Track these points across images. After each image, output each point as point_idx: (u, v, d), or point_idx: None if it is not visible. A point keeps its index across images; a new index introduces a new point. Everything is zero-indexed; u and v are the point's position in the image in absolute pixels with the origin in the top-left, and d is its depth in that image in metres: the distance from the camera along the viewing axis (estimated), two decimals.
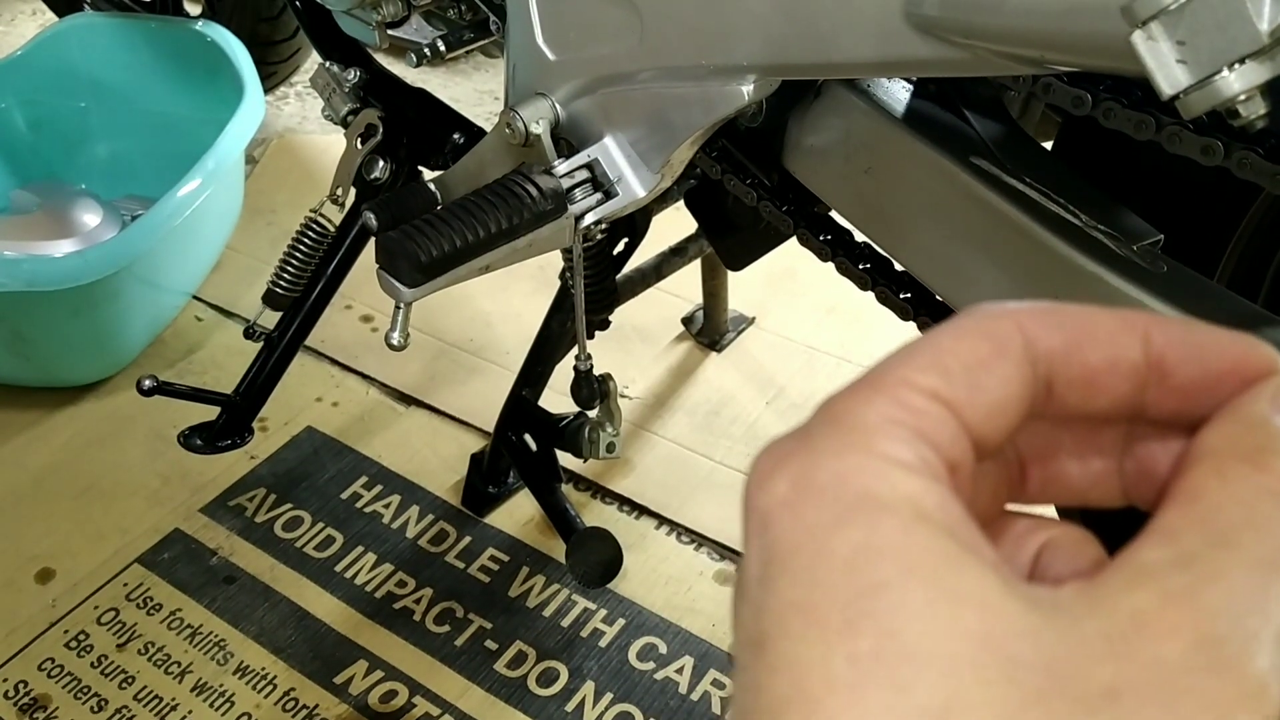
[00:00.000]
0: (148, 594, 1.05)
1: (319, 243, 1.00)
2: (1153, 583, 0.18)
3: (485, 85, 1.82)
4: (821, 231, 0.73)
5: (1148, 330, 0.21)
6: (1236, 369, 0.21)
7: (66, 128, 1.48)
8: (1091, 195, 0.60)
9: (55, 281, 1.13)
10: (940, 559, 0.18)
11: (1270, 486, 0.19)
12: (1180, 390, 0.21)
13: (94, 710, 0.97)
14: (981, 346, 0.21)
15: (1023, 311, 0.21)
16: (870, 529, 0.19)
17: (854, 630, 0.18)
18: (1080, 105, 0.53)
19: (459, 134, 0.96)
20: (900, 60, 0.54)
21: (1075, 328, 0.21)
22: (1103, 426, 0.23)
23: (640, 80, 0.68)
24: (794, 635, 0.18)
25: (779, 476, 0.20)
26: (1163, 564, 0.18)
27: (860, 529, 0.19)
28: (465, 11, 0.87)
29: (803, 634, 0.18)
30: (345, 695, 0.97)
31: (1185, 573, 0.18)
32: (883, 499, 0.19)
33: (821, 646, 0.18)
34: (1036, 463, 0.23)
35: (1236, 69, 0.38)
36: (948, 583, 0.18)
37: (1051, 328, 0.21)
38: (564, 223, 0.72)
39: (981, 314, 0.21)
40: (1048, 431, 0.23)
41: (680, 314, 1.32)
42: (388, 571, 1.07)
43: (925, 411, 0.20)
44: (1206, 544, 0.19)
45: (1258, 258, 0.62)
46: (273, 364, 1.05)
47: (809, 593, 0.18)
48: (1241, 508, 0.19)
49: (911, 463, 0.19)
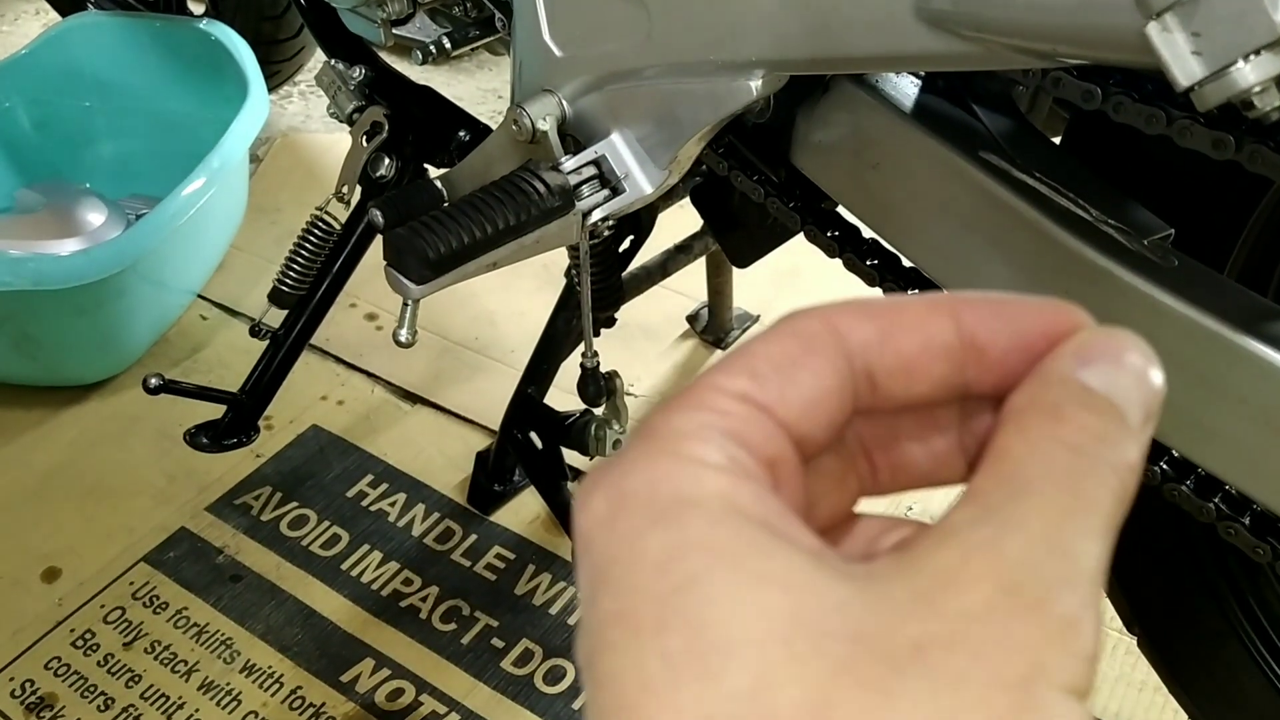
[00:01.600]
0: (154, 593, 1.05)
1: (324, 241, 1.00)
2: (956, 540, 0.19)
3: (489, 83, 1.82)
4: (829, 228, 0.73)
5: (956, 310, 0.22)
6: (1047, 334, 0.21)
7: (71, 127, 1.48)
8: (1101, 190, 0.60)
9: (61, 280, 1.13)
10: (748, 547, 0.18)
11: (1067, 437, 0.19)
12: (998, 363, 0.21)
13: (100, 709, 0.97)
14: (791, 346, 0.21)
15: (832, 309, 0.22)
16: (679, 528, 0.19)
17: (666, 629, 0.18)
18: (1090, 99, 0.53)
19: (465, 131, 0.96)
20: (909, 55, 0.54)
21: (884, 317, 0.22)
22: (940, 408, 0.23)
23: (647, 76, 0.68)
24: (614, 646, 0.18)
25: (596, 496, 0.20)
26: (966, 521, 0.19)
27: (670, 529, 0.19)
28: (471, 9, 0.87)
29: (621, 643, 0.18)
30: (352, 693, 0.97)
31: (986, 526, 0.19)
32: (692, 498, 0.19)
33: (636, 651, 0.18)
34: (881, 452, 0.24)
35: (1252, 60, 0.38)
36: (754, 568, 0.18)
37: (861, 320, 0.21)
38: (571, 219, 0.72)
39: (792, 316, 0.22)
40: (886, 420, 0.23)
41: (685, 311, 1.32)
42: (394, 570, 1.07)
43: (734, 413, 0.20)
44: (1007, 497, 0.19)
45: (1269, 252, 0.62)
46: (278, 362, 1.05)
47: (625, 600, 0.19)
48: (1040, 459, 0.19)
49: (720, 463, 0.20)
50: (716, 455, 0.20)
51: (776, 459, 0.21)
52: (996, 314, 0.22)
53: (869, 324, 0.21)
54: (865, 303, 0.22)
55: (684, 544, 0.19)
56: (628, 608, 0.18)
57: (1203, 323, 0.54)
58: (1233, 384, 0.54)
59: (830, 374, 0.21)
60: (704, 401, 0.20)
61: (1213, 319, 0.54)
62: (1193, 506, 0.60)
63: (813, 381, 0.21)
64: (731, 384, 0.21)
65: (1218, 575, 0.70)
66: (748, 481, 0.20)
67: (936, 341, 0.22)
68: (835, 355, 0.21)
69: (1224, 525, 0.60)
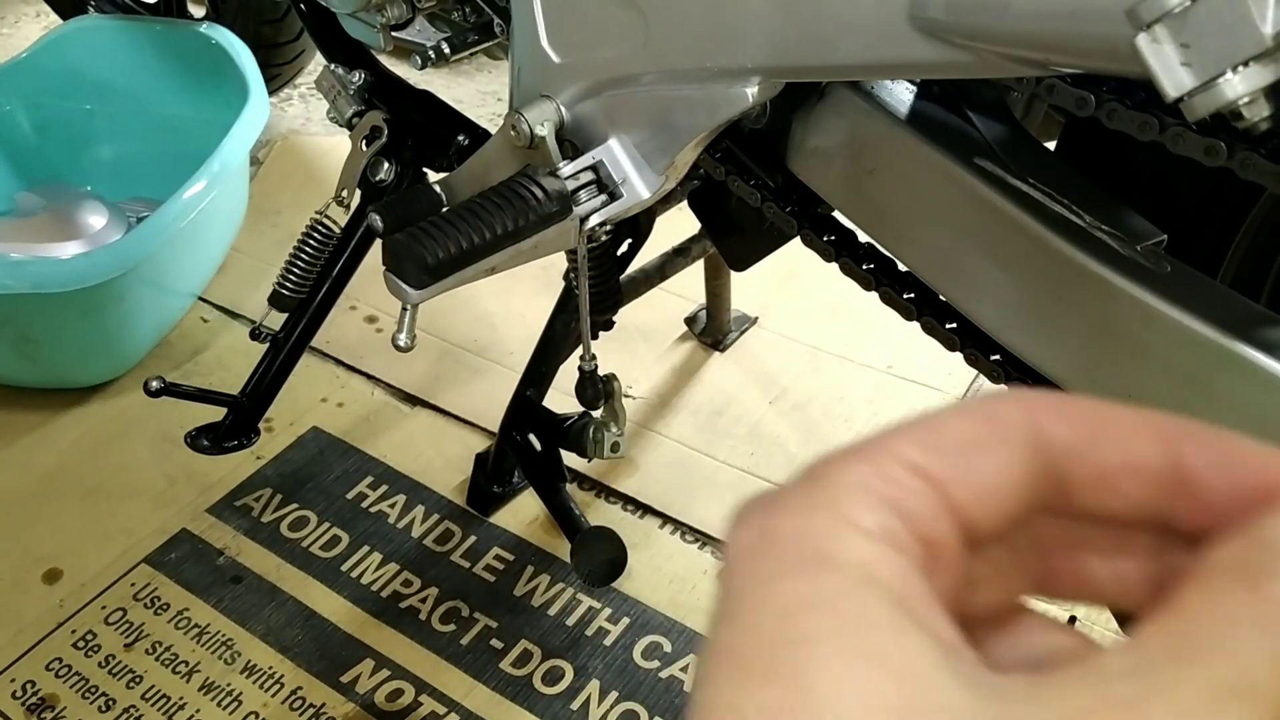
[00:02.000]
0: (155, 594, 1.06)
1: (324, 244, 1.00)
2: (1101, 686, 0.17)
3: (488, 86, 1.82)
4: (825, 232, 0.73)
5: (1174, 436, 0.20)
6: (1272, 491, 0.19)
7: (71, 130, 1.49)
8: (1095, 196, 0.60)
9: (61, 283, 1.13)
10: (876, 624, 0.18)
11: (1256, 611, 0.18)
12: (1210, 507, 0.20)
13: (102, 710, 0.97)
14: (982, 428, 0.20)
15: (1037, 400, 0.21)
16: (812, 584, 0.18)
17: (770, 680, 0.18)
18: (1084, 106, 0.54)
19: (464, 136, 0.97)
20: (904, 62, 0.55)
21: (1090, 423, 0.20)
22: (1135, 529, 0.21)
23: (645, 82, 0.68)
24: (719, 679, 0.18)
25: (749, 525, 0.20)
26: (1118, 670, 0.18)
27: (803, 582, 0.18)
28: (469, 14, 0.87)
29: (725, 679, 0.18)
30: (352, 694, 0.97)
31: (1137, 682, 0.17)
32: (833, 557, 0.19)
33: (739, 692, 0.18)
34: (1061, 557, 0.22)
35: (1240, 71, 0.38)
36: (876, 648, 0.18)
37: (1065, 419, 0.20)
38: (569, 224, 0.72)
39: (994, 398, 0.21)
40: (1072, 526, 0.22)
41: (683, 314, 1.33)
42: (393, 571, 1.07)
43: (901, 482, 0.20)
44: (1168, 656, 0.17)
45: (1260, 258, 0.62)
46: (279, 365, 1.05)
47: (741, 638, 0.18)
48: (1219, 627, 0.18)
49: (872, 529, 0.19)
50: (870, 521, 0.19)
51: (937, 540, 0.20)
52: (1215, 450, 0.20)
53: (1073, 426, 0.20)
54: (1074, 402, 0.21)
55: (812, 600, 0.18)
56: (742, 645, 0.18)
57: (1195, 328, 0.54)
58: (1225, 389, 0.55)
59: (1016, 466, 0.20)
60: (875, 462, 0.20)
61: (1205, 324, 0.54)
62: None
63: (995, 470, 0.20)
64: (908, 452, 0.20)
65: None
66: (895, 556, 0.19)
67: (1142, 463, 0.20)
68: (1027, 448, 0.20)
69: None
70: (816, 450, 0.26)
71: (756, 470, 1.15)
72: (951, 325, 0.68)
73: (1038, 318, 0.61)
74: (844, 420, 1.21)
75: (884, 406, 1.22)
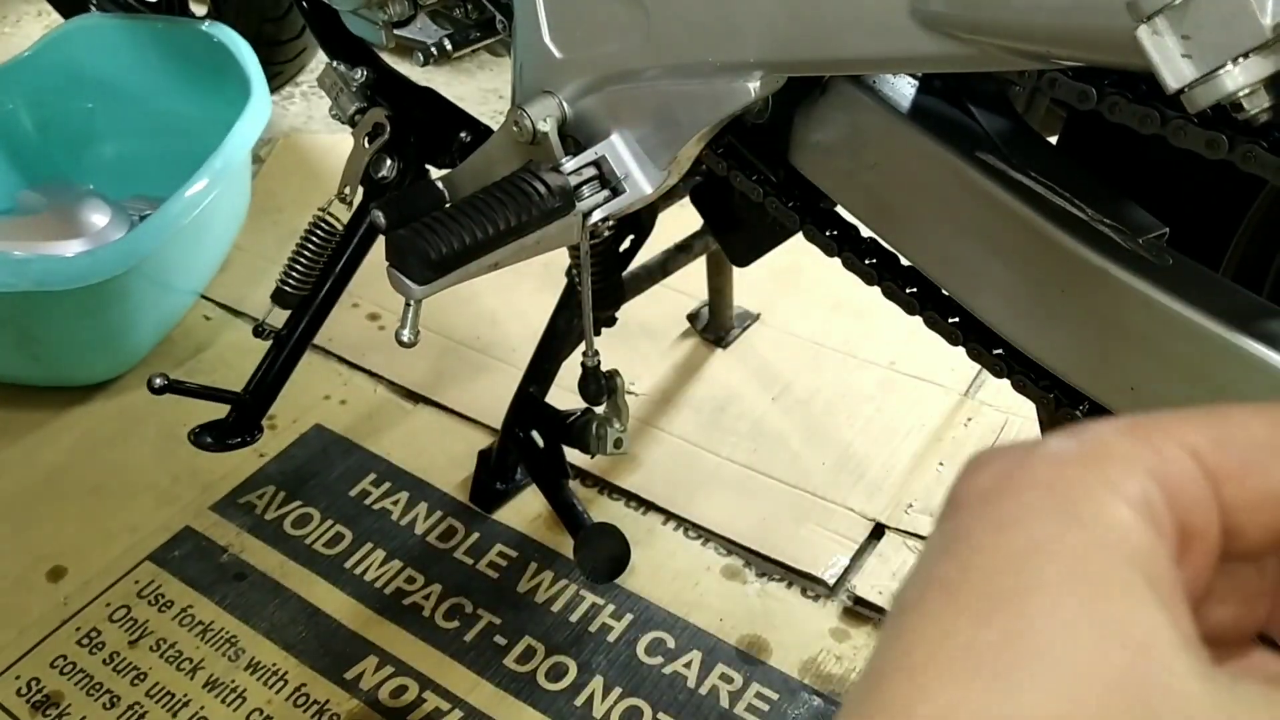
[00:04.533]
0: (159, 591, 1.06)
1: (327, 241, 1.00)
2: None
3: (490, 83, 1.82)
4: (828, 227, 0.73)
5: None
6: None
7: (73, 128, 1.49)
8: (1097, 189, 0.60)
9: (65, 281, 1.13)
10: (1119, 588, 0.17)
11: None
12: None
13: (106, 707, 0.97)
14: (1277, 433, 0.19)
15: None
16: (1057, 532, 0.17)
17: (990, 619, 0.16)
18: (1085, 100, 0.54)
19: (466, 132, 0.97)
20: (906, 56, 0.55)
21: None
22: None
23: (647, 78, 0.68)
24: (927, 608, 0.17)
25: (986, 470, 0.19)
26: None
27: (1046, 528, 0.17)
28: (472, 11, 0.87)
29: (936, 609, 0.17)
30: (356, 691, 0.97)
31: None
32: (1086, 514, 0.17)
33: (950, 624, 0.17)
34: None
35: (1240, 63, 0.39)
36: (1110, 610, 0.16)
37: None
38: (572, 220, 0.72)
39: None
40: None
41: (686, 310, 1.33)
42: (397, 568, 1.07)
43: (1175, 462, 0.18)
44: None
45: (1262, 251, 0.62)
46: (281, 362, 1.05)
47: (961, 573, 0.17)
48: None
49: (1134, 498, 0.18)
50: (1134, 489, 0.18)
51: (1196, 533, 0.18)
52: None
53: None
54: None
55: (1052, 549, 0.17)
56: (960, 580, 0.17)
57: (1197, 321, 0.54)
58: (1228, 381, 0.55)
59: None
60: (1149, 436, 0.19)
61: (1207, 317, 0.54)
62: None
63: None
64: (1190, 436, 0.19)
65: None
66: (1151, 531, 0.18)
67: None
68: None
69: None
70: (819, 446, 0.25)
71: (759, 466, 1.15)
72: (954, 320, 0.68)
73: (1040, 311, 0.61)
74: (846, 416, 1.21)
75: (886, 402, 1.22)
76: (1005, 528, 0.18)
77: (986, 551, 0.17)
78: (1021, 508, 0.18)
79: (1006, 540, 0.17)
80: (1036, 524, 0.17)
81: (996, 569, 0.17)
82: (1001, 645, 0.16)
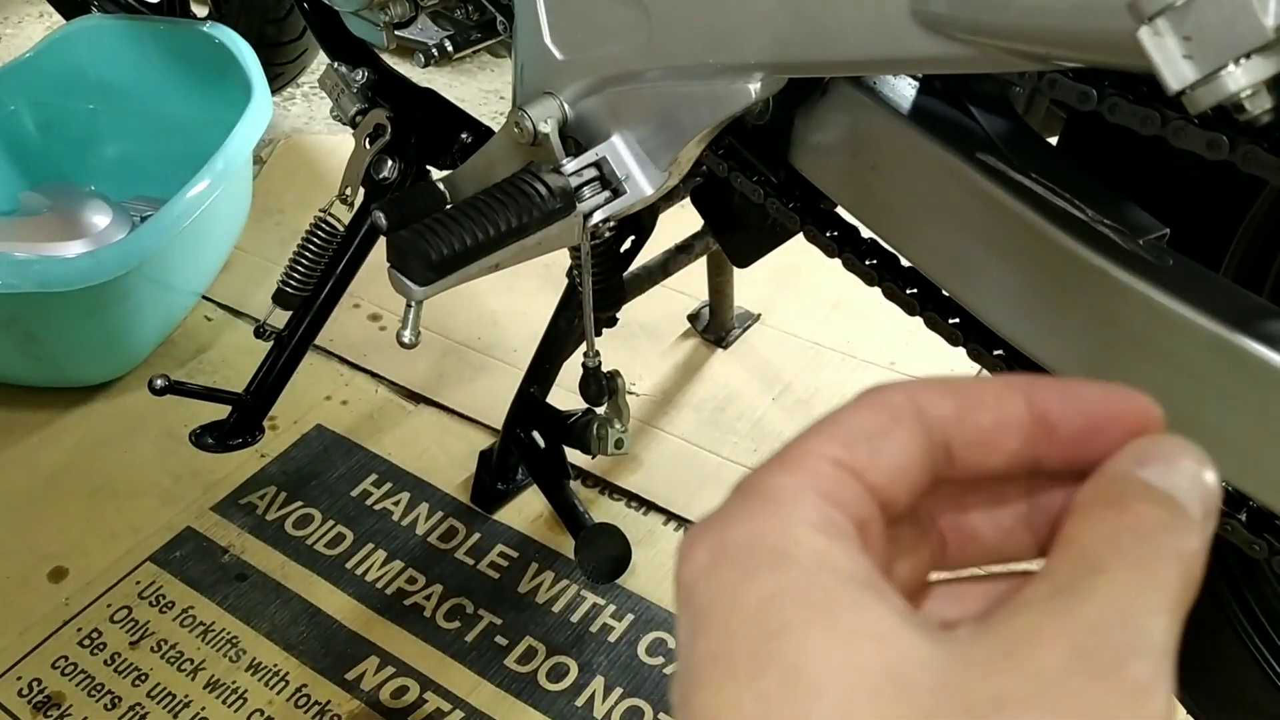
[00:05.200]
0: (160, 592, 1.06)
1: (328, 242, 1.00)
2: (1032, 609, 0.20)
3: (490, 84, 1.82)
4: (828, 228, 0.73)
5: (1029, 390, 0.24)
6: (1115, 418, 0.23)
7: (75, 129, 1.49)
8: (1097, 190, 0.60)
9: (67, 282, 1.13)
10: (840, 601, 0.20)
11: (1132, 524, 0.21)
12: (1067, 441, 0.23)
13: (107, 708, 0.97)
14: (879, 416, 0.23)
15: (914, 385, 0.24)
16: (776, 579, 0.20)
17: (762, 671, 0.19)
18: (1086, 101, 0.54)
19: (467, 133, 0.97)
20: (906, 58, 0.55)
21: (962, 395, 0.24)
22: (1007, 485, 0.25)
23: (648, 79, 0.68)
24: (711, 684, 0.20)
25: (699, 549, 0.21)
26: (1040, 595, 0.20)
27: (768, 579, 0.20)
28: (472, 12, 0.87)
29: (718, 682, 0.20)
30: (357, 691, 0.98)
31: (1060, 598, 0.20)
32: (789, 552, 0.21)
33: (733, 690, 0.19)
34: (951, 526, 0.25)
35: (1242, 64, 0.38)
36: (846, 621, 0.20)
37: (941, 397, 0.23)
38: (572, 221, 0.72)
39: (877, 390, 0.24)
40: (957, 495, 0.25)
41: (686, 311, 1.33)
42: (398, 568, 1.08)
43: (828, 476, 0.22)
44: (1078, 576, 0.20)
45: (1263, 251, 0.62)
46: (283, 363, 1.05)
47: (723, 643, 0.20)
48: (1108, 544, 0.21)
49: (816, 521, 0.21)
50: (812, 514, 0.21)
51: (865, 521, 0.22)
52: (1067, 396, 0.24)
53: (948, 400, 0.23)
54: (945, 381, 0.24)
55: (781, 593, 0.20)
56: (726, 650, 0.20)
57: (1198, 321, 0.54)
58: (1228, 382, 0.55)
59: (913, 444, 0.23)
60: (801, 465, 0.22)
61: (1208, 318, 0.54)
62: None
63: (899, 450, 0.23)
64: (825, 449, 0.22)
65: (1215, 572, 0.70)
66: (841, 540, 0.21)
67: (1010, 418, 0.23)
68: (917, 427, 0.23)
69: (1220, 522, 0.60)
70: None
71: None
72: (954, 320, 0.68)
73: (1040, 312, 0.61)
74: None
75: None
76: (737, 592, 0.20)
77: (732, 616, 0.20)
78: (741, 569, 0.21)
79: (743, 600, 0.20)
80: (759, 578, 0.20)
81: (748, 628, 0.20)
82: (781, 688, 0.19)
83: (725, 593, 0.21)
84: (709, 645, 0.20)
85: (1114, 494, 0.22)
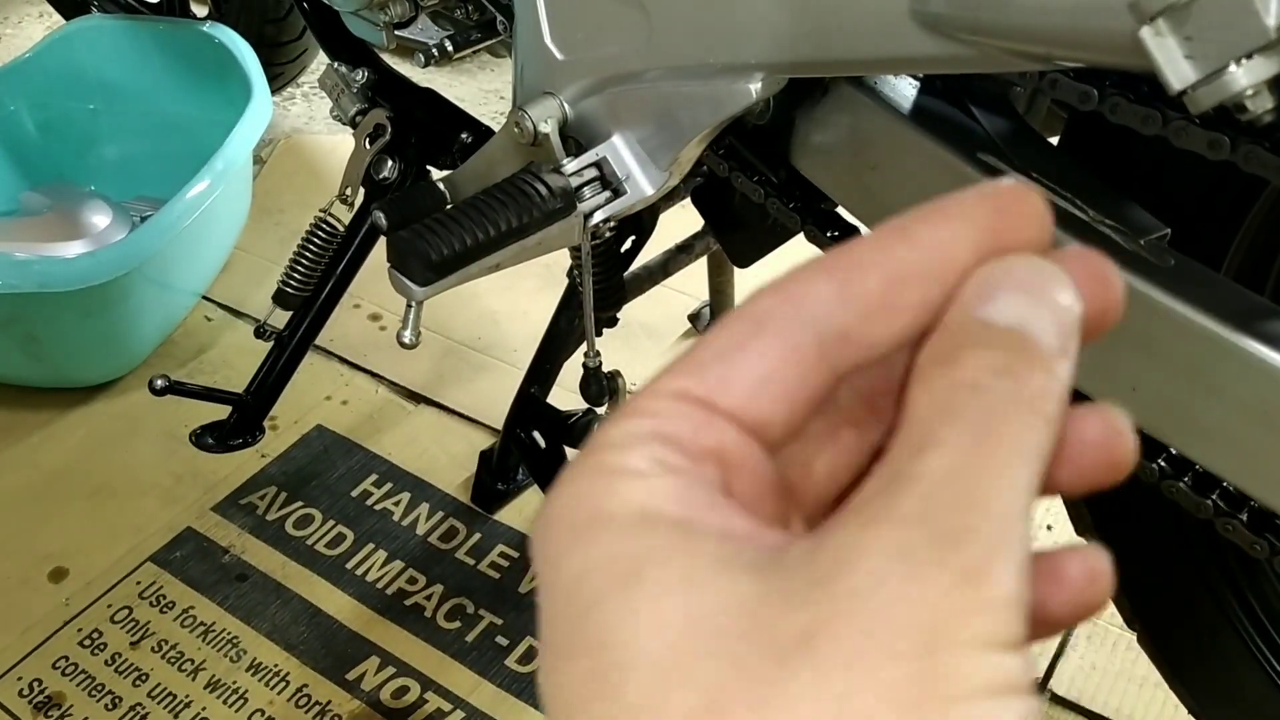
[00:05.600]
0: (160, 592, 1.06)
1: (328, 242, 1.00)
2: (857, 515, 0.18)
3: (490, 84, 1.82)
4: (829, 228, 0.73)
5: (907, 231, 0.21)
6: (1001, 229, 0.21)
7: (75, 130, 1.49)
8: (1098, 190, 0.60)
9: (67, 282, 1.13)
10: (651, 557, 0.18)
11: (965, 379, 0.19)
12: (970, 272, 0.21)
13: (108, 708, 0.97)
14: (738, 330, 0.20)
15: (786, 279, 0.21)
16: (587, 548, 0.19)
17: (575, 653, 0.18)
18: (1087, 101, 0.54)
19: (467, 134, 0.97)
20: (907, 57, 0.55)
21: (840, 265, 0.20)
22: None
23: (648, 79, 0.68)
24: (545, 670, 0.19)
25: (537, 524, 0.20)
26: (871, 493, 0.18)
27: (581, 550, 0.19)
28: (472, 12, 0.87)
29: (549, 668, 0.19)
30: (357, 691, 0.97)
31: (886, 492, 0.18)
32: (605, 513, 0.19)
33: (558, 676, 0.18)
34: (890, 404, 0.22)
35: (1244, 64, 0.38)
36: (652, 578, 0.18)
37: (817, 278, 0.20)
38: (573, 221, 0.72)
39: (748, 299, 0.21)
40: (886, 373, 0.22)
41: (687, 311, 1.33)
42: (398, 568, 1.07)
43: (663, 412, 0.20)
44: (911, 456, 0.18)
45: (1264, 251, 0.62)
46: (283, 363, 1.05)
47: (548, 627, 0.19)
48: (941, 408, 0.18)
49: (641, 468, 0.19)
50: (638, 460, 0.19)
51: (720, 449, 0.20)
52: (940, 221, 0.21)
53: (826, 280, 0.20)
54: (819, 259, 0.21)
55: (590, 565, 0.18)
56: (550, 635, 0.19)
57: (1199, 321, 0.54)
58: (1229, 382, 0.55)
59: (779, 349, 0.20)
60: (636, 408, 0.20)
61: (1209, 318, 0.54)
62: (1190, 503, 0.61)
63: (758, 362, 0.20)
64: (669, 383, 0.20)
65: (1216, 571, 0.70)
66: (671, 480, 0.19)
67: (900, 268, 0.20)
68: (790, 328, 0.20)
69: (1222, 522, 0.60)
70: None
71: None
72: None
73: None
74: None
75: None
76: (559, 568, 0.19)
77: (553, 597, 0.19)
78: (560, 543, 0.19)
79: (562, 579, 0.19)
80: (575, 551, 0.19)
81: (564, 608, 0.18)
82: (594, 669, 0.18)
83: (550, 571, 0.19)
84: (542, 629, 0.19)
85: (949, 347, 0.19)
